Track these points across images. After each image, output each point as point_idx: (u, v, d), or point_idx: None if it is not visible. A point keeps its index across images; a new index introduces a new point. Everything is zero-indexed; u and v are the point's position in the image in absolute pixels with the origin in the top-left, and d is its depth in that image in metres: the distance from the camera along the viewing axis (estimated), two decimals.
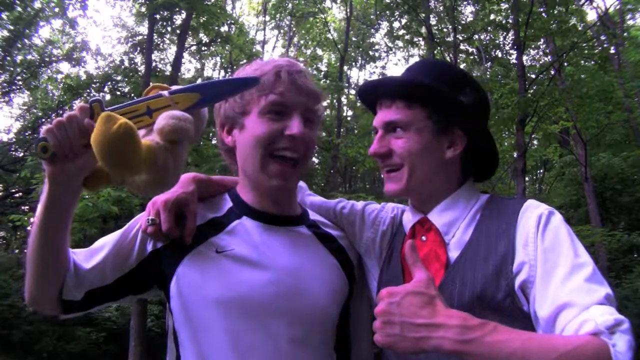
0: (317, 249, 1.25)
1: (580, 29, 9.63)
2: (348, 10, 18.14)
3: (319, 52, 21.12)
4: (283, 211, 1.26)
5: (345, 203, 1.37)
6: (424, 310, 0.89)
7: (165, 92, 0.96)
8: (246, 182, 1.25)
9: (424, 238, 1.17)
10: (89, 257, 1.17)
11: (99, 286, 1.16)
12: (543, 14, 9.22)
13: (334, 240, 1.30)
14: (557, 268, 0.96)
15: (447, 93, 1.15)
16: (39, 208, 1.03)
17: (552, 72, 9.72)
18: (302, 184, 1.45)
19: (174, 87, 0.98)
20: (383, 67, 22.40)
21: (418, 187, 1.16)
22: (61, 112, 16.63)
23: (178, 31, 12.92)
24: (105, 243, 1.20)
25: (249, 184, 1.24)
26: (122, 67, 14.08)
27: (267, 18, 19.34)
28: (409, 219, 1.24)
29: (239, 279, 1.12)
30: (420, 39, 12.83)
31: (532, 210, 1.07)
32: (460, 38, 11.07)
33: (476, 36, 11.48)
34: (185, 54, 16.09)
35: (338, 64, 18.60)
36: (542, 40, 11.20)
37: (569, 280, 0.94)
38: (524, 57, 10.94)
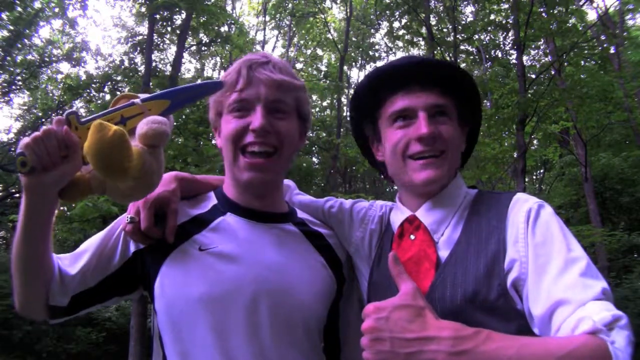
0: (303, 246, 1.23)
1: (580, 29, 9.61)
2: (348, 10, 18.13)
3: (319, 52, 21.11)
4: (268, 208, 1.24)
5: (334, 202, 1.35)
6: (414, 324, 0.87)
7: (138, 100, 0.99)
8: (229, 178, 1.26)
9: (412, 237, 1.14)
10: (73, 262, 1.17)
11: (83, 290, 1.16)
12: (543, 14, 9.21)
13: (322, 238, 1.28)
14: (550, 263, 0.93)
15: (475, 87, 1.17)
16: (19, 219, 1.03)
17: (552, 72, 9.71)
18: (290, 183, 1.44)
19: (143, 95, 1.01)
20: None
21: (449, 175, 1.15)
22: (61, 112, 16.63)
23: (178, 31, 12.92)
24: (89, 246, 1.19)
25: (231, 179, 1.25)
26: (122, 67, 14.05)
27: (267, 18, 19.33)
28: (397, 216, 1.22)
29: (222, 276, 1.11)
30: (420, 39, 12.82)
31: (521, 205, 1.04)
32: (460, 38, 11.05)
33: (476, 36, 11.47)
34: (185, 54, 16.09)
35: (338, 64, 18.60)
36: (542, 40, 11.19)
37: (563, 275, 0.91)
38: (524, 57, 10.93)
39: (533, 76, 10.13)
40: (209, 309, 1.08)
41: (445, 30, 12.09)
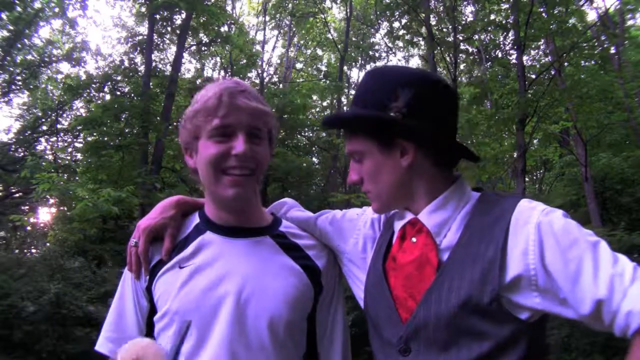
0: (278, 258, 1.28)
1: (580, 29, 9.61)
2: (348, 10, 18.15)
3: (319, 52, 21.14)
4: (244, 223, 1.31)
5: (326, 215, 1.39)
6: None
7: None
8: (209, 198, 1.33)
9: (414, 239, 1.14)
10: (122, 336, 1.27)
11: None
12: (543, 14, 9.22)
13: (299, 249, 1.33)
14: (583, 263, 0.94)
15: (377, 117, 1.13)
16: None
17: (552, 72, 9.72)
18: (288, 200, 1.49)
19: None
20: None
21: (392, 202, 1.19)
22: (61, 112, 16.65)
23: (178, 31, 12.96)
24: (121, 311, 1.30)
25: (211, 198, 1.32)
26: (122, 67, 14.08)
27: (267, 18, 19.33)
28: (399, 219, 1.22)
29: (194, 288, 1.20)
30: (420, 39, 12.82)
31: (528, 214, 1.03)
32: (460, 38, 11.05)
33: (476, 36, 11.48)
34: (185, 54, 16.09)
35: (338, 64, 18.61)
36: (542, 40, 11.19)
37: (599, 272, 0.93)
38: (524, 57, 10.94)
39: (533, 76, 10.14)
40: (184, 321, 1.17)
41: (445, 30, 12.10)
